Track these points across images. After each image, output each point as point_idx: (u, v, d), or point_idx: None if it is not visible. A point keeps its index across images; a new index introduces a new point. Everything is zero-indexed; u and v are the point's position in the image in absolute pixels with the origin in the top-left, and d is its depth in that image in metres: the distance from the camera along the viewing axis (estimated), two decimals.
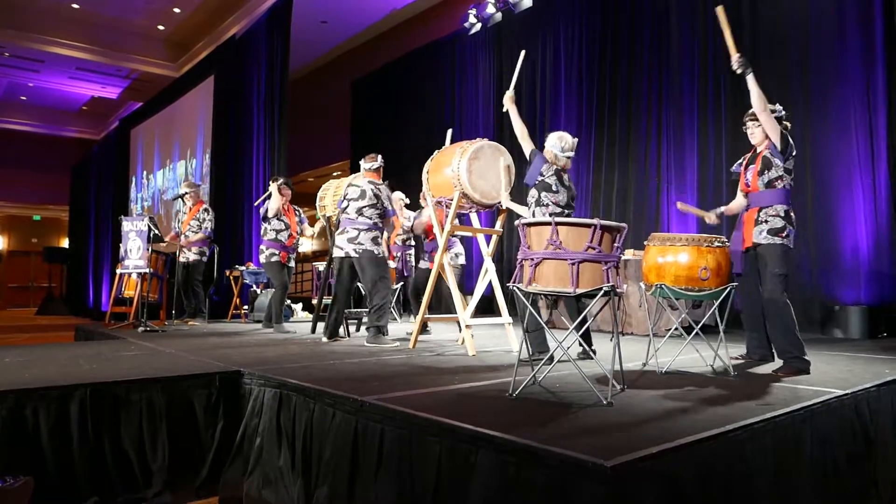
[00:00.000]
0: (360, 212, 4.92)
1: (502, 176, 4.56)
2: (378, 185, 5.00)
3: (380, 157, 5.15)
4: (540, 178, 3.92)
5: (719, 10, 3.63)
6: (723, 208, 4.01)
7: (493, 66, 9.85)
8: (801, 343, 3.49)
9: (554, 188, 3.89)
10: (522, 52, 4.56)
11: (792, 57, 6.36)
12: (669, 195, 7.30)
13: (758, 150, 3.71)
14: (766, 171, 3.60)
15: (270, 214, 6.17)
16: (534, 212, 3.95)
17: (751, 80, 3.51)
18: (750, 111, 3.69)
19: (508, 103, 4.26)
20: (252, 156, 10.88)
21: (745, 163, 3.80)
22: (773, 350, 3.74)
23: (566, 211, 3.96)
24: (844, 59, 6.01)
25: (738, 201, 3.93)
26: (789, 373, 3.38)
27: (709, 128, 7.02)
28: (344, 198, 5.05)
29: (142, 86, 16.11)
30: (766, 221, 3.55)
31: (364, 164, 5.12)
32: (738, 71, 3.53)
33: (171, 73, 15.05)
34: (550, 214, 3.83)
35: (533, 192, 3.98)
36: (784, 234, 3.53)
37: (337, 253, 5.00)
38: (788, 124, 3.72)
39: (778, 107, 3.67)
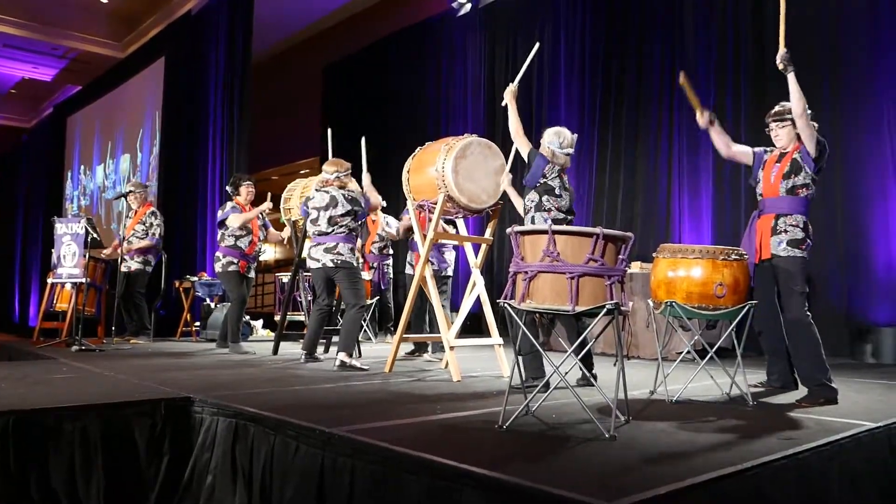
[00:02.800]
0: (332, 221, 4.95)
1: (495, 178, 4.58)
2: (348, 188, 5.07)
3: (346, 163, 5.15)
4: (542, 181, 3.95)
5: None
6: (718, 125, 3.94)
7: (485, 52, 9.90)
8: (827, 369, 3.53)
9: (557, 192, 3.92)
10: (536, 45, 4.66)
11: (820, 50, 6.46)
12: (682, 200, 7.37)
13: (785, 151, 3.74)
14: (792, 176, 3.63)
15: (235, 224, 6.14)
16: (533, 217, 3.98)
17: (792, 80, 3.54)
18: (773, 111, 3.73)
19: (509, 98, 4.31)
20: (207, 150, 10.82)
21: (768, 159, 3.81)
22: (797, 377, 3.78)
23: (568, 217, 4.00)
24: (879, 51, 6.13)
25: (739, 147, 3.95)
26: (815, 402, 3.42)
27: (727, 122, 7.09)
28: (307, 205, 5.06)
29: (81, 67, 15.96)
30: (786, 231, 3.60)
31: (333, 173, 5.08)
32: (781, 67, 3.55)
33: (115, 53, 14.94)
34: (553, 221, 3.86)
35: (532, 196, 4.00)
36: (804, 247, 3.59)
37: (313, 265, 5.03)
38: (816, 124, 3.76)
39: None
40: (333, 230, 4.96)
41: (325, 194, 5.01)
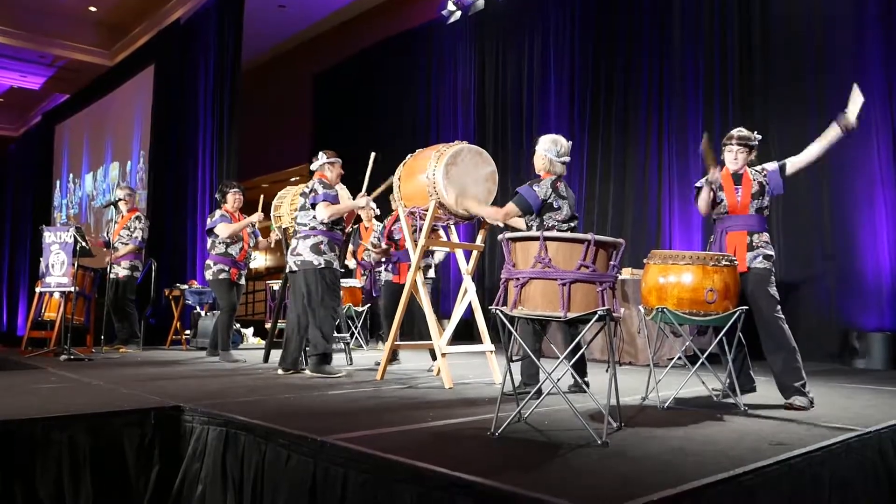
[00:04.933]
0: (296, 219, 4.97)
1: (485, 185, 4.59)
2: (317, 182, 4.93)
3: (322, 154, 5.08)
4: (544, 203, 3.93)
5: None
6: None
7: (474, 59, 9.93)
8: (802, 374, 3.56)
9: (556, 205, 3.93)
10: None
11: (806, 56, 6.52)
12: (672, 207, 7.40)
13: (738, 171, 3.81)
14: (760, 198, 3.75)
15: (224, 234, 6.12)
16: None
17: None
18: (741, 135, 3.81)
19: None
20: (197, 158, 10.80)
21: (721, 178, 3.81)
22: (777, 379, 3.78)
23: (570, 224, 3.99)
24: (864, 58, 6.18)
25: (702, 201, 3.91)
26: (802, 407, 3.44)
27: (715, 130, 7.13)
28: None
29: (69, 75, 15.90)
30: (761, 247, 3.72)
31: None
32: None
33: (104, 61, 14.89)
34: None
35: (533, 216, 3.99)
36: (772, 261, 3.74)
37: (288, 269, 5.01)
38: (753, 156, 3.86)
39: (756, 135, 3.85)
40: None
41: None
